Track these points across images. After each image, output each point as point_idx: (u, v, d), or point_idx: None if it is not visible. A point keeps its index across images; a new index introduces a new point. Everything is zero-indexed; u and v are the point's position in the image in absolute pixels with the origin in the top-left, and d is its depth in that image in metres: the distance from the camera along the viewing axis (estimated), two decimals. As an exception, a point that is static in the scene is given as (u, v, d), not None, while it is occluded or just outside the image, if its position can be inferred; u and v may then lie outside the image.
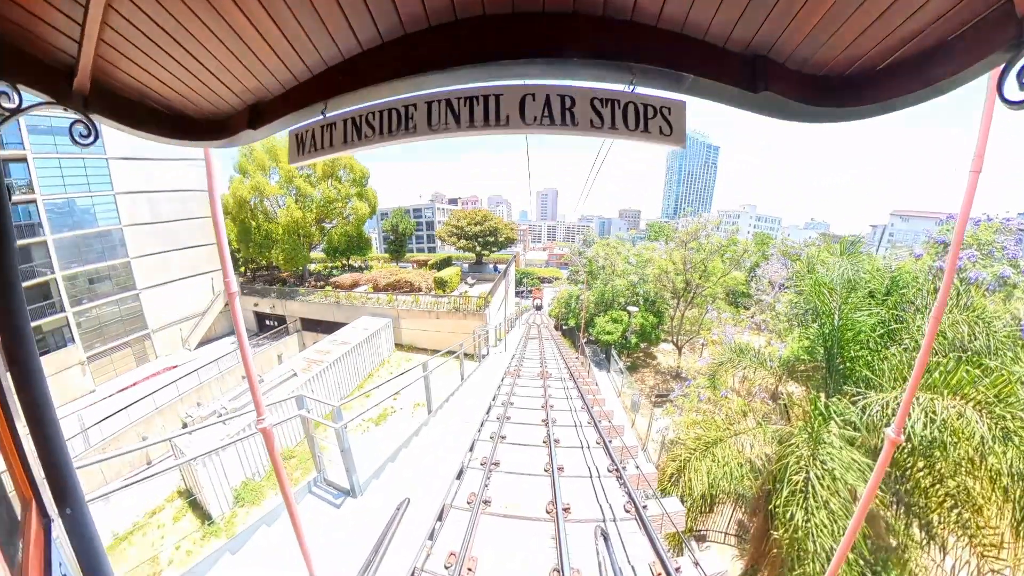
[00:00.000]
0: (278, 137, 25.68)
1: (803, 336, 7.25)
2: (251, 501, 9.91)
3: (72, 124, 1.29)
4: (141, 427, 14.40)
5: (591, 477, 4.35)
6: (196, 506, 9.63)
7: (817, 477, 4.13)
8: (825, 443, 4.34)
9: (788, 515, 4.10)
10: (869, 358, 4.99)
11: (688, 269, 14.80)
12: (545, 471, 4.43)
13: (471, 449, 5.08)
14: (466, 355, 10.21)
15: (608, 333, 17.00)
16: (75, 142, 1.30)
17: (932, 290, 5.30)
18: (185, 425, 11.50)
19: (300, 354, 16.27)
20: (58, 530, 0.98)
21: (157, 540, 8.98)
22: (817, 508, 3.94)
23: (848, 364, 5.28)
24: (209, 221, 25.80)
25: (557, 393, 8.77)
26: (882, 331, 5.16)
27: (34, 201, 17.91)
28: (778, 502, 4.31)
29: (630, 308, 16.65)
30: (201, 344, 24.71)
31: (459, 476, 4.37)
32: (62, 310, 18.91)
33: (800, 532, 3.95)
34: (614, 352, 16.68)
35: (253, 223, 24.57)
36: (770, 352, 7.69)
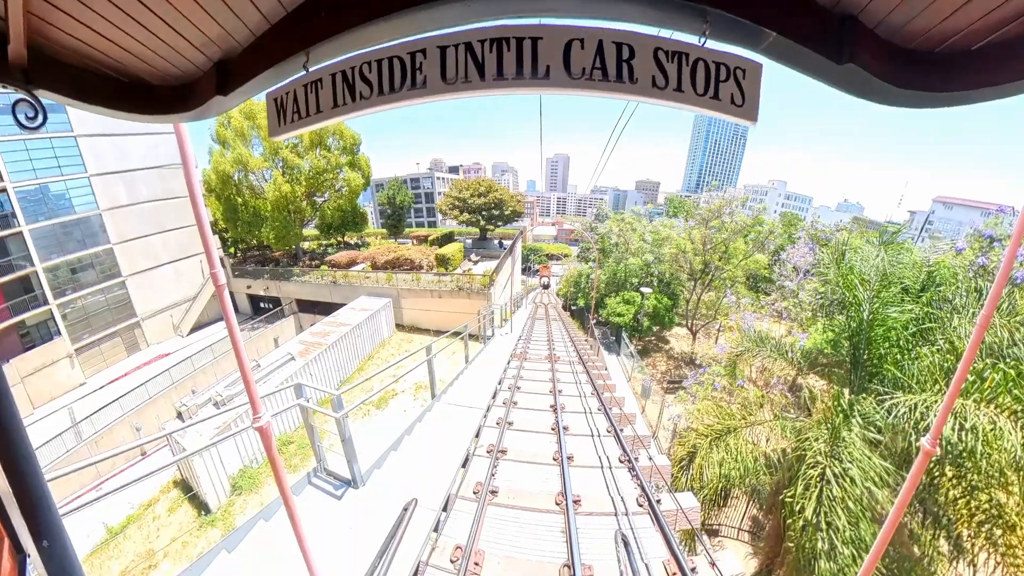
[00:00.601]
0: (255, 99, 24.75)
1: (827, 328, 7.16)
2: (249, 489, 10.19)
3: (15, 104, 1.13)
4: (134, 417, 14.80)
5: (602, 468, 4.43)
6: (192, 495, 9.95)
7: (833, 475, 4.18)
8: (844, 441, 4.36)
9: (799, 508, 4.18)
10: (899, 357, 4.92)
11: (708, 249, 14.46)
12: (554, 460, 4.52)
13: (477, 435, 5.19)
14: (471, 336, 10.35)
15: (619, 315, 16.97)
16: (20, 125, 1.15)
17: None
18: (180, 414, 11.84)
19: (297, 337, 16.55)
20: (35, 566, 0.93)
21: (152, 532, 9.25)
22: (832, 506, 4.00)
23: (875, 362, 5.23)
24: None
25: (566, 377, 8.89)
26: (914, 329, 5.06)
27: (4, 190, 17.52)
28: (790, 493, 4.38)
29: (643, 289, 16.51)
30: (194, 330, 24.98)
31: (464, 464, 4.47)
32: (45, 303, 19.05)
33: (810, 527, 4.03)
34: (625, 335, 16.72)
35: (239, 200, 24.02)
36: (791, 342, 7.63)
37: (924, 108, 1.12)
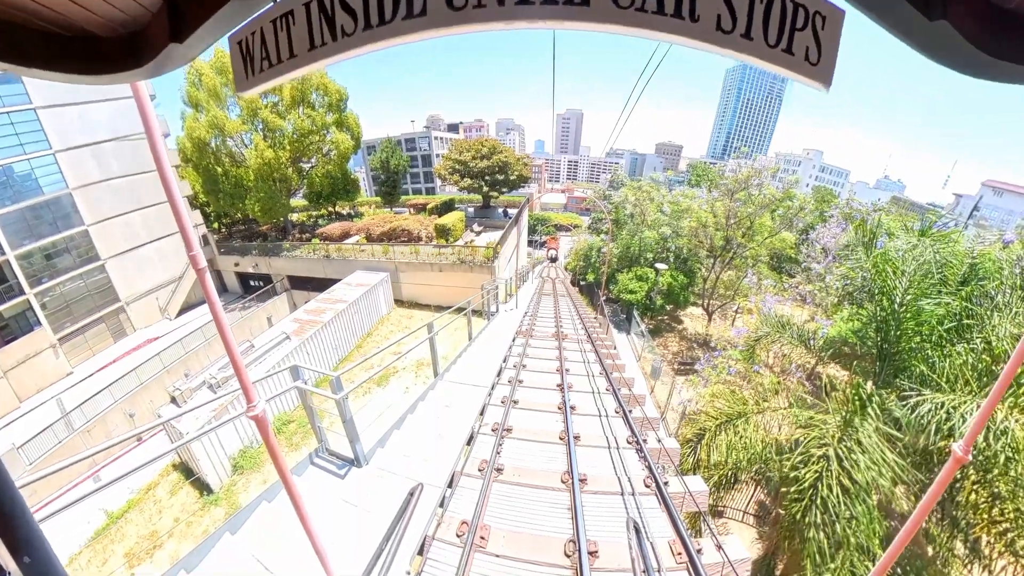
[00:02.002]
0: (227, 49, 23.29)
1: (854, 316, 7.16)
2: (250, 468, 10.70)
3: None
4: (127, 404, 15.24)
5: (609, 448, 4.66)
6: (194, 479, 10.44)
7: (838, 456, 4.40)
8: (856, 429, 4.52)
9: (794, 478, 4.45)
10: (929, 353, 4.98)
11: (731, 224, 14.20)
12: (560, 439, 4.76)
13: (481, 414, 5.44)
14: (474, 312, 10.56)
15: (631, 292, 17.03)
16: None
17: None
18: (173, 399, 12.24)
19: (291, 315, 16.81)
20: None
21: (155, 515, 9.77)
22: (830, 485, 4.24)
23: (904, 356, 5.29)
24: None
25: (573, 356, 9.11)
26: (950, 325, 5.06)
27: (-37, 175, 16.73)
28: (790, 460, 4.63)
29: (659, 265, 16.44)
30: (183, 311, 25.09)
31: (469, 442, 4.72)
32: (21, 293, 19.00)
33: (805, 498, 4.31)
34: (636, 313, 16.86)
35: (219, 169, 23.47)
36: (813, 329, 7.68)
37: (1017, 83, 0.99)
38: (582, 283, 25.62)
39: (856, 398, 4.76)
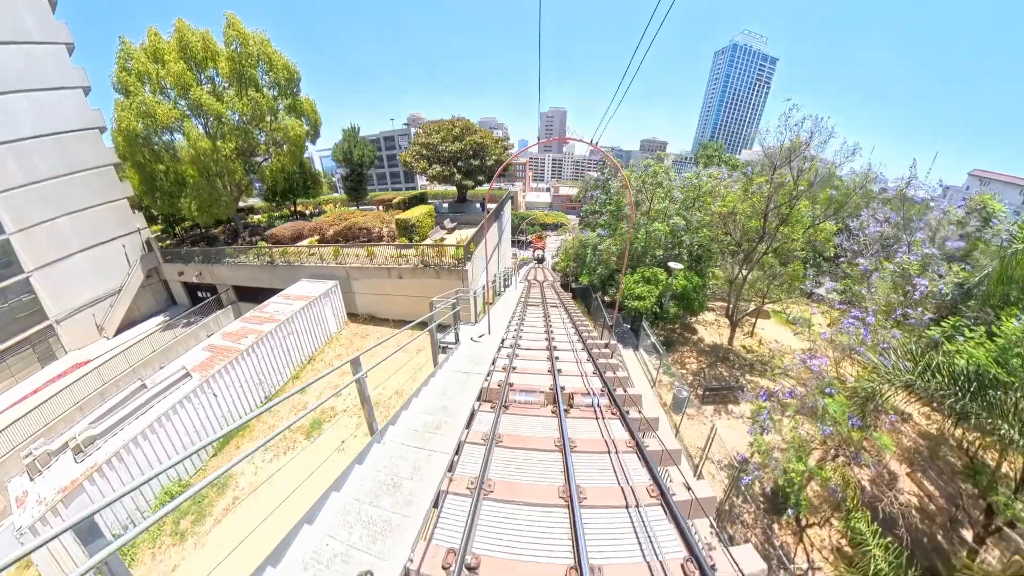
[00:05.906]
0: (162, 32, 19.72)
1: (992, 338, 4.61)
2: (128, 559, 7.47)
3: None
4: (25, 450, 12.10)
5: None
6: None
7: None
8: None
9: None
10: None
11: (771, 209, 10.85)
12: None
13: None
14: (440, 327, 7.43)
15: (639, 298, 13.67)
16: None
17: None
18: (27, 469, 8.77)
19: (206, 340, 13.00)
20: None
21: None
22: None
23: None
24: (106, 172, 21.10)
25: (591, 461, 3.77)
26: None
27: None
28: None
29: (673, 264, 13.11)
30: (121, 329, 21.70)
31: None
32: None
33: None
34: (646, 324, 13.54)
35: (159, 166, 20.11)
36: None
37: None
38: (575, 286, 22.26)
39: None
